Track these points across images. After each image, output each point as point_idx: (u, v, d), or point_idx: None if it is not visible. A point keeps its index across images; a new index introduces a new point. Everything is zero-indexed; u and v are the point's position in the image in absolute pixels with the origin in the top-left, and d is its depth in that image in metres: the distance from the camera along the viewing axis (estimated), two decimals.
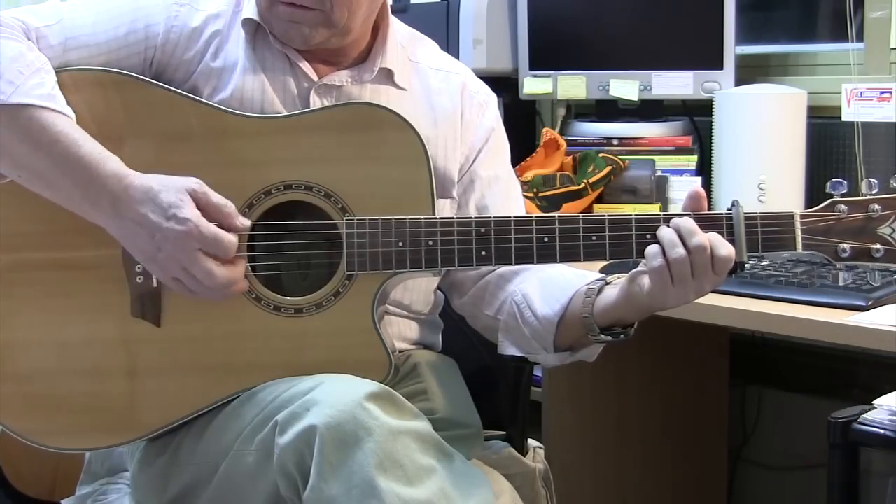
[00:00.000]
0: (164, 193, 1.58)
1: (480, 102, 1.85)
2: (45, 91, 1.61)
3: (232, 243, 1.59)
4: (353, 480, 1.47)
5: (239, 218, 1.61)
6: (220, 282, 1.60)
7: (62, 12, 1.70)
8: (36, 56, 1.63)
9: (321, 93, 1.74)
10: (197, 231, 1.57)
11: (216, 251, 1.59)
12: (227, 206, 1.61)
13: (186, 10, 1.74)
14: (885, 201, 1.59)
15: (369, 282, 1.64)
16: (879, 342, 1.91)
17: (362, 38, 1.77)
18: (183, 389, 1.66)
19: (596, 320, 1.64)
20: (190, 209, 1.58)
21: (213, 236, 1.58)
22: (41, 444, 1.69)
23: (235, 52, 1.74)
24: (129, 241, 1.61)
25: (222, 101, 1.71)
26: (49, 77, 1.63)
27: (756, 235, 1.59)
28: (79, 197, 1.61)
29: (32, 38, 1.66)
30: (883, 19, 2.68)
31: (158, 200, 1.58)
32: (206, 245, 1.58)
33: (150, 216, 1.58)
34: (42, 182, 1.63)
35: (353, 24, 1.71)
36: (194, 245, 1.58)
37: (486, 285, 1.81)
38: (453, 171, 1.80)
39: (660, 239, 1.56)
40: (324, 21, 1.68)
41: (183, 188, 1.59)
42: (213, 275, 1.59)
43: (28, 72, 1.61)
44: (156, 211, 1.58)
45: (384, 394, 1.53)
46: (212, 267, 1.59)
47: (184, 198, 1.58)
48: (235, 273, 1.61)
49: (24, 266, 1.67)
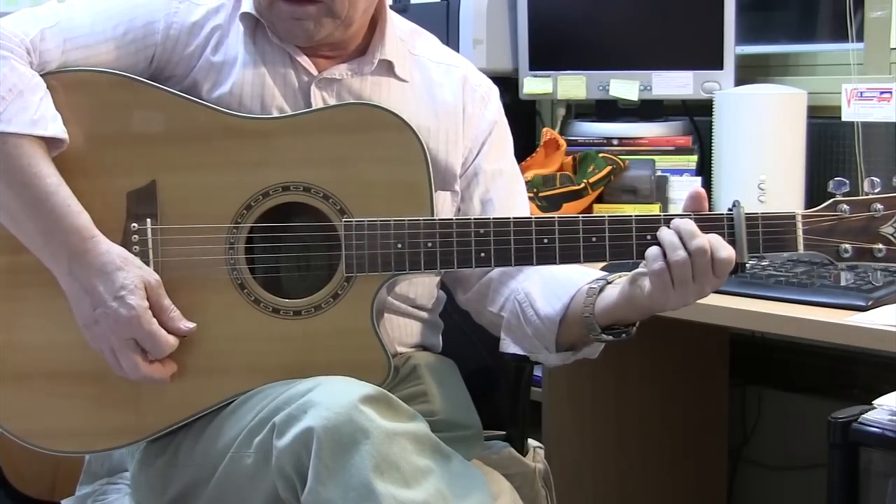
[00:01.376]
0: (121, 273, 1.59)
1: (482, 96, 1.85)
2: (29, 116, 1.60)
3: (169, 345, 1.61)
4: (350, 483, 1.47)
5: (183, 322, 1.62)
6: (142, 376, 1.61)
7: (60, 14, 1.69)
8: (19, 77, 1.61)
9: (322, 86, 1.74)
10: (137, 321, 1.58)
11: (150, 347, 1.60)
12: (172, 311, 1.61)
13: (186, 5, 1.74)
14: (887, 201, 1.58)
15: (368, 283, 1.64)
16: (879, 342, 1.91)
17: (360, 31, 1.77)
18: (182, 392, 1.66)
19: (597, 320, 1.64)
20: (139, 298, 1.59)
21: (150, 332, 1.59)
22: (40, 447, 1.69)
23: (235, 47, 1.73)
24: (73, 300, 1.62)
25: (222, 95, 1.71)
26: (34, 97, 1.61)
27: (757, 236, 1.58)
28: (40, 243, 1.62)
29: (34, 49, 1.64)
30: (883, 19, 2.68)
31: (113, 277, 1.59)
32: (141, 338, 1.59)
33: (99, 288, 1.59)
34: (9, 218, 1.63)
35: (354, 15, 1.70)
36: (129, 333, 1.59)
37: (489, 281, 1.81)
38: (455, 165, 1.80)
39: (660, 241, 1.56)
40: (326, 12, 1.68)
41: (141, 276, 1.60)
42: (138, 368, 1.61)
43: (10, 96, 1.59)
44: (106, 286, 1.59)
45: (380, 396, 1.53)
46: (138, 361, 1.61)
47: (138, 284, 1.59)
48: (161, 373, 1.63)
49: (22, 268, 1.66)
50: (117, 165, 1.66)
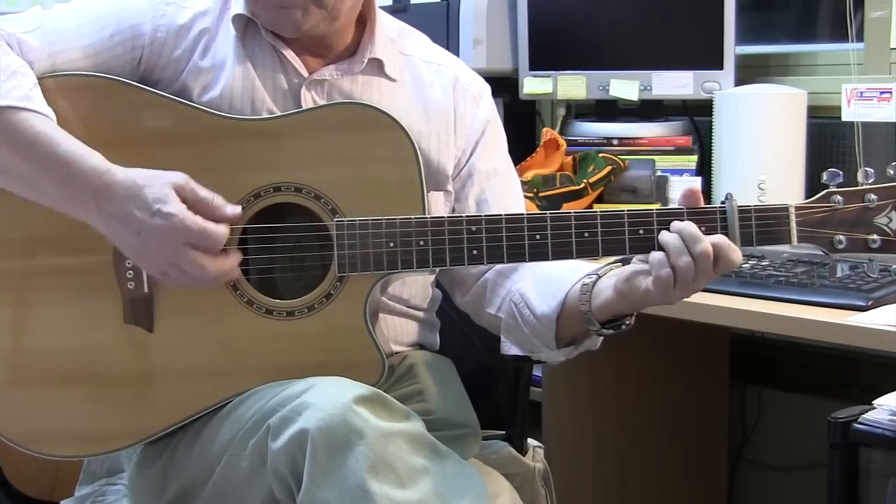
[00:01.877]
0: (149, 189, 1.57)
1: (474, 95, 1.84)
2: (22, 92, 1.60)
3: (221, 234, 1.58)
4: (345, 484, 1.46)
5: (228, 207, 1.59)
6: (211, 274, 1.59)
7: (42, 18, 1.70)
8: (11, 59, 1.63)
9: (312, 87, 1.74)
10: (182, 225, 1.55)
11: (205, 244, 1.57)
12: (214, 199, 1.59)
13: (172, 8, 1.73)
14: (881, 191, 1.57)
15: (361, 283, 1.63)
16: (879, 342, 1.91)
17: (348, 30, 1.76)
18: (178, 394, 1.66)
19: (595, 315, 1.64)
20: (175, 204, 1.56)
21: (199, 230, 1.56)
22: (37, 452, 1.69)
23: (224, 50, 1.73)
24: (115, 237, 1.60)
25: (212, 99, 1.70)
26: (26, 79, 1.62)
27: (750, 228, 1.58)
28: (62, 197, 1.60)
29: (14, 45, 1.65)
30: (883, 19, 2.68)
31: (143, 196, 1.56)
32: (193, 239, 1.56)
33: (135, 213, 1.56)
34: (26, 185, 1.62)
35: (341, 7, 1.69)
36: (181, 240, 1.56)
37: (485, 283, 1.80)
38: (447, 166, 1.80)
39: (665, 246, 1.55)
40: (313, 0, 1.67)
41: (168, 183, 1.57)
42: (204, 268, 1.58)
43: (3, 76, 1.60)
44: (140, 207, 1.56)
45: (374, 396, 1.53)
46: (202, 260, 1.57)
47: (169, 192, 1.56)
48: (227, 264, 1.60)
49: (15, 273, 1.67)
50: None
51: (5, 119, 1.59)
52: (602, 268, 1.67)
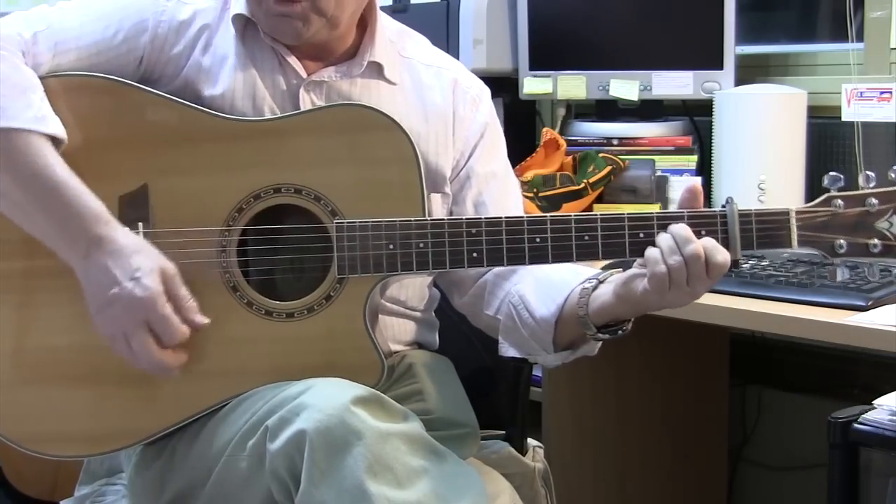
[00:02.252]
0: (138, 256, 1.57)
1: (473, 98, 1.84)
2: (32, 113, 1.60)
3: (181, 333, 1.58)
4: (343, 485, 1.47)
5: (199, 315, 1.60)
6: (153, 361, 1.59)
7: (50, 17, 1.69)
8: (21, 76, 1.62)
9: (310, 89, 1.74)
10: (151, 303, 1.56)
11: (163, 332, 1.57)
12: (188, 301, 1.59)
13: (173, 4, 1.73)
14: (882, 195, 1.57)
15: (360, 285, 1.63)
16: (879, 342, 1.90)
17: (349, 34, 1.76)
18: (176, 395, 1.65)
19: (592, 319, 1.64)
20: (155, 281, 1.56)
21: (164, 315, 1.57)
22: (36, 452, 1.69)
23: (224, 48, 1.73)
24: (87, 285, 1.60)
25: (214, 97, 1.71)
26: (36, 95, 1.62)
27: (751, 233, 1.58)
28: (55, 233, 1.60)
29: (28, 51, 1.65)
30: (883, 19, 2.68)
31: (130, 260, 1.57)
32: (154, 320, 1.57)
33: (114, 271, 1.57)
34: (18, 211, 1.62)
35: (341, 15, 1.70)
36: (143, 315, 1.56)
37: (484, 284, 1.80)
38: (445, 168, 1.80)
39: (658, 244, 1.55)
40: (313, 9, 1.67)
41: (157, 262, 1.58)
42: (150, 353, 1.58)
43: (16, 92, 1.60)
44: (122, 268, 1.57)
45: (372, 397, 1.53)
46: (150, 346, 1.58)
47: (154, 269, 1.57)
48: (173, 360, 1.60)
49: (14, 274, 1.67)
50: (109, 170, 1.66)
51: (14, 142, 1.59)
52: (603, 273, 1.67)
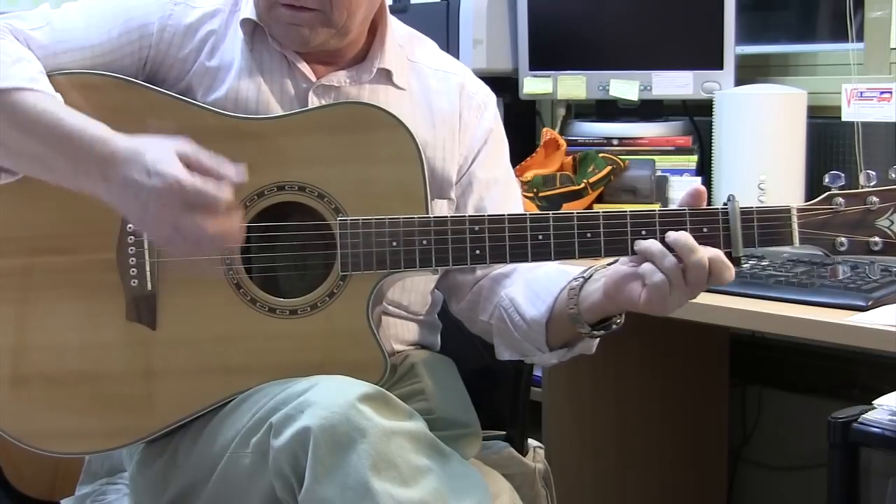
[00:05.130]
0: (150, 153, 1.53)
1: (479, 103, 1.84)
2: (28, 74, 1.60)
3: (219, 193, 1.51)
4: (347, 482, 1.46)
5: (231, 167, 1.53)
6: (210, 234, 1.52)
7: (50, 16, 1.70)
8: (18, 48, 1.63)
9: (319, 93, 1.74)
10: (179, 186, 1.50)
11: (204, 203, 1.51)
12: (213, 159, 1.54)
13: (181, 8, 1.73)
14: (883, 194, 1.57)
15: (364, 282, 1.63)
16: (879, 342, 1.91)
17: (359, 39, 1.77)
18: (180, 392, 1.66)
19: (584, 317, 1.64)
20: (173, 166, 1.51)
21: (195, 190, 1.50)
22: (39, 449, 1.69)
23: (232, 52, 1.73)
24: (120, 205, 1.57)
25: (217, 100, 1.70)
26: (32, 65, 1.62)
27: (752, 230, 1.57)
28: (71, 171, 1.58)
29: (21, 41, 1.65)
30: (883, 19, 2.68)
31: (143, 159, 1.53)
32: (190, 199, 1.51)
33: (134, 176, 1.52)
34: (38, 164, 1.61)
35: (351, 25, 1.70)
36: (178, 200, 1.50)
37: (480, 290, 1.81)
38: (451, 173, 1.80)
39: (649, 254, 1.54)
40: (323, 21, 1.68)
41: (170, 147, 1.53)
42: (202, 229, 1.51)
43: (9, 60, 1.60)
44: (139, 170, 1.52)
45: (377, 394, 1.53)
46: (200, 221, 1.51)
47: (169, 155, 1.52)
48: (227, 224, 1.53)
49: (18, 271, 1.67)
50: None
51: (12, 100, 1.58)
52: (588, 269, 1.66)
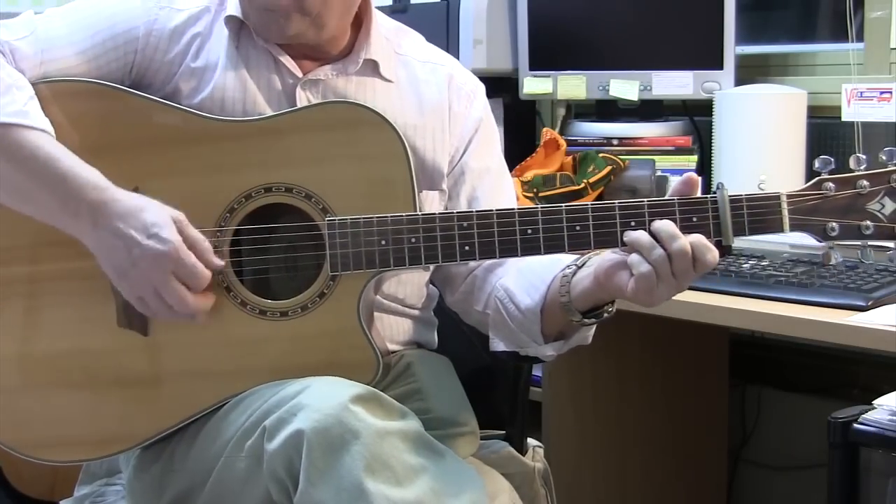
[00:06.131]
0: (148, 213, 1.57)
1: (468, 93, 1.84)
2: (16, 108, 1.60)
3: (206, 276, 1.58)
4: (341, 484, 1.46)
5: (215, 256, 1.60)
6: (190, 309, 1.59)
7: (34, 24, 1.70)
8: (6, 73, 1.63)
9: (307, 87, 1.74)
10: (176, 254, 1.56)
11: (190, 278, 1.58)
12: (204, 242, 1.60)
13: (166, 12, 1.73)
14: (872, 177, 1.56)
15: (354, 281, 1.63)
16: (879, 342, 1.91)
17: (343, 35, 1.76)
18: (173, 397, 1.65)
19: (575, 305, 1.63)
20: (172, 232, 1.56)
21: (191, 263, 1.57)
22: (33, 457, 1.69)
23: (217, 51, 1.73)
24: (103, 254, 1.60)
25: (203, 100, 1.70)
26: (21, 93, 1.62)
27: (742, 218, 1.56)
28: (57, 208, 1.60)
29: (6, 53, 1.65)
30: (883, 19, 2.68)
31: (141, 217, 1.57)
32: (181, 270, 1.57)
33: (131, 231, 1.56)
34: (21, 197, 1.62)
35: (326, 16, 1.69)
36: (169, 267, 1.56)
37: (473, 280, 1.80)
38: (442, 163, 1.80)
39: (638, 245, 1.54)
40: (297, 8, 1.66)
41: (167, 212, 1.58)
42: (185, 301, 1.58)
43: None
44: (136, 227, 1.56)
45: (369, 395, 1.53)
46: (184, 293, 1.58)
47: (167, 220, 1.57)
48: (205, 304, 1.61)
49: (8, 280, 1.67)
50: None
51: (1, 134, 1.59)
52: (580, 258, 1.66)
